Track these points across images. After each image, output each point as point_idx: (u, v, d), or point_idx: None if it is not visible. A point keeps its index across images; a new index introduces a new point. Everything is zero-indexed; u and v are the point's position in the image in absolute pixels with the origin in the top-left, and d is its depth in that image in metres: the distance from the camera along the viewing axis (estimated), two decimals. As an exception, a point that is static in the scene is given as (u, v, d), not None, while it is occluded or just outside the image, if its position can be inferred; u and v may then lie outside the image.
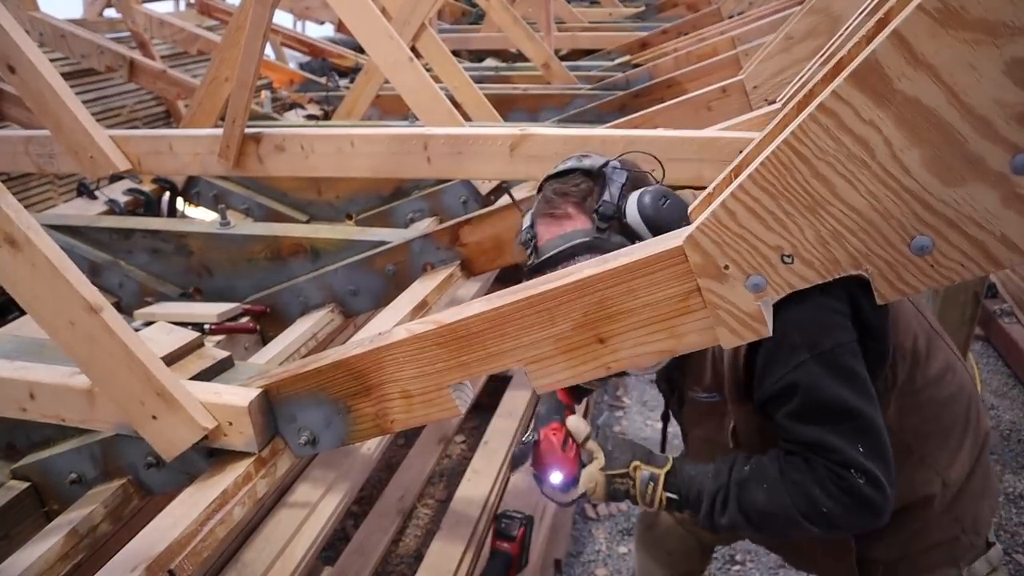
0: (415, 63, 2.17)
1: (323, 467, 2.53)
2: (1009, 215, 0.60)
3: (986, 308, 3.83)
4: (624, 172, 1.32)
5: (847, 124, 0.62)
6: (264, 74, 3.97)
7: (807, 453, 1.14)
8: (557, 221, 1.30)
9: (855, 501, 1.10)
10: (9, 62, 2.00)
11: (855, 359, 1.13)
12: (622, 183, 1.30)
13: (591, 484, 1.30)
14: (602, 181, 1.31)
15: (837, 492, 1.11)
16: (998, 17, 0.54)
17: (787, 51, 2.01)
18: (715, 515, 1.22)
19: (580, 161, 1.34)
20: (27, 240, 0.89)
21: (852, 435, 1.11)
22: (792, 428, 1.16)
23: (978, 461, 1.35)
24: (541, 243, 1.31)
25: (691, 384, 1.35)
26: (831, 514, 1.12)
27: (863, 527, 1.17)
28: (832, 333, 1.12)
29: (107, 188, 2.76)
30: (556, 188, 1.32)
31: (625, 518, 2.85)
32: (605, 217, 1.27)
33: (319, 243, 2.04)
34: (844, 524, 1.14)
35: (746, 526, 1.20)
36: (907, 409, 1.26)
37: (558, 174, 1.34)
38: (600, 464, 1.29)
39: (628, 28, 5.85)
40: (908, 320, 1.28)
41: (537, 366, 0.85)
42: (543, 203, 1.33)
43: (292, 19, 6.42)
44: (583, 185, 1.31)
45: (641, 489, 1.27)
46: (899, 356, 1.24)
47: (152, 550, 0.87)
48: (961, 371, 1.36)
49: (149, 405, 0.99)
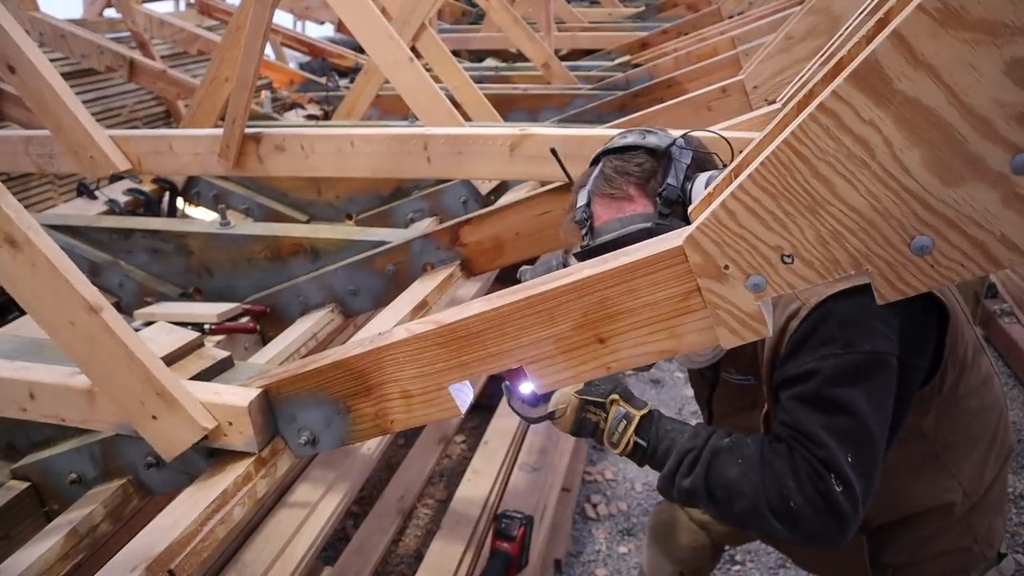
0: (415, 63, 2.17)
1: (323, 467, 2.53)
2: (1009, 215, 0.60)
3: (986, 308, 3.83)
4: (690, 152, 1.22)
5: (847, 124, 0.62)
6: (264, 74, 3.97)
7: (793, 442, 1.09)
8: (617, 202, 1.21)
9: (826, 506, 1.04)
10: (9, 62, 2.00)
11: (885, 370, 1.08)
12: (687, 164, 1.20)
13: (563, 405, 1.22)
14: (666, 162, 1.21)
15: (812, 492, 1.05)
16: (998, 17, 0.54)
17: (787, 51, 2.01)
18: (678, 476, 1.16)
19: (644, 137, 1.24)
20: (27, 240, 0.89)
21: (846, 441, 1.06)
22: (792, 410, 1.11)
23: (998, 475, 1.32)
24: (598, 223, 1.22)
25: (727, 365, 1.31)
26: (797, 512, 1.06)
27: (823, 539, 1.09)
28: (872, 338, 1.07)
29: (107, 188, 2.76)
30: (617, 166, 1.22)
31: (625, 518, 2.85)
32: (669, 202, 1.18)
33: (319, 243, 2.04)
34: (806, 529, 1.07)
35: (706, 498, 1.13)
36: (943, 417, 1.23)
37: (618, 149, 1.24)
38: (577, 387, 1.22)
39: (628, 28, 5.85)
40: (963, 330, 1.23)
41: (537, 366, 0.85)
42: (602, 181, 1.22)
43: (292, 19, 6.42)
44: (647, 165, 1.21)
45: (612, 425, 1.20)
46: (950, 364, 1.20)
47: (152, 550, 0.87)
48: (997, 385, 1.33)
49: (149, 405, 0.99)
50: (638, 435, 1.19)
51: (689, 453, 1.15)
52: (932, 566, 1.31)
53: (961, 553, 1.30)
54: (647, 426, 1.20)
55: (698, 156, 1.23)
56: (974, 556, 1.31)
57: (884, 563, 1.31)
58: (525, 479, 2.67)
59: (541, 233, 1.86)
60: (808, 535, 1.09)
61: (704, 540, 1.79)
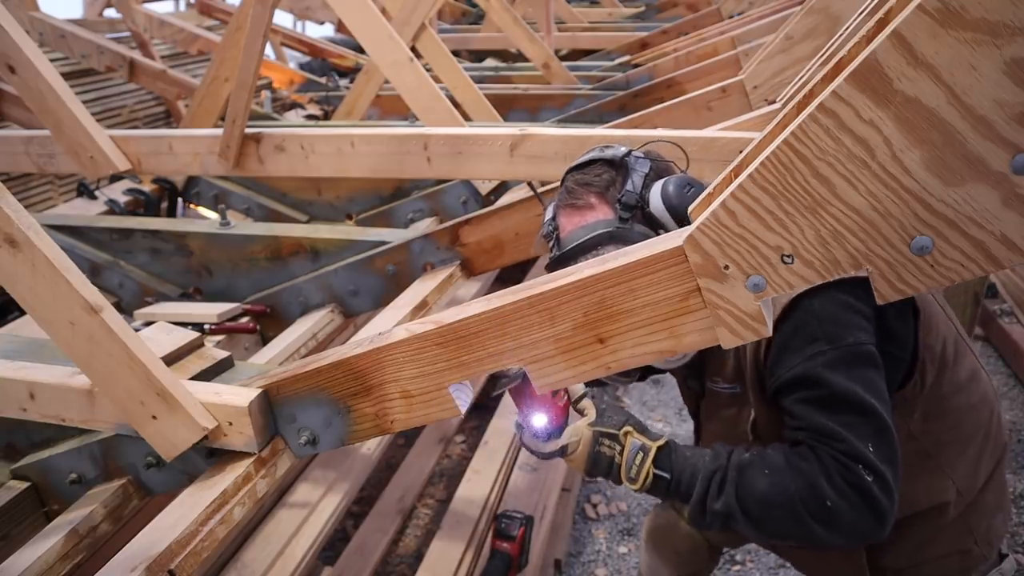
0: (415, 63, 2.18)
1: (323, 467, 2.53)
2: (1009, 215, 0.60)
3: (986, 308, 3.83)
4: (647, 161, 1.28)
5: (847, 124, 0.62)
6: (264, 74, 3.97)
7: (814, 441, 1.08)
8: (579, 212, 1.27)
9: (863, 499, 1.03)
10: (9, 62, 2.00)
11: (872, 361, 1.10)
12: (645, 172, 1.26)
13: (575, 438, 1.19)
14: (624, 171, 1.27)
15: (844, 486, 1.04)
16: (998, 17, 0.54)
17: (787, 51, 2.01)
18: (708, 499, 1.13)
19: (602, 151, 1.31)
20: (27, 240, 0.89)
21: (863, 432, 1.05)
22: (803, 414, 1.10)
23: (994, 473, 1.31)
24: (563, 235, 1.28)
25: (712, 375, 1.31)
26: (835, 510, 1.04)
27: (864, 534, 1.06)
28: (853, 331, 1.09)
29: (107, 188, 2.77)
30: (578, 179, 1.29)
31: (625, 518, 2.85)
32: (628, 207, 1.23)
33: (319, 243, 2.04)
34: (846, 526, 1.05)
35: (742, 517, 1.11)
36: (932, 415, 1.23)
37: (579, 165, 1.31)
38: (590, 420, 1.21)
39: (628, 28, 5.85)
40: (938, 324, 1.24)
41: (537, 366, 0.85)
42: (565, 194, 1.30)
43: (292, 19, 6.43)
44: (605, 175, 1.27)
45: (628, 459, 1.17)
46: (928, 360, 1.20)
47: (152, 550, 0.87)
48: (985, 381, 1.32)
49: (149, 405, 0.99)
50: (657, 467, 1.16)
51: (715, 475, 1.13)
52: (932, 568, 1.30)
53: (961, 555, 1.30)
54: (665, 457, 1.17)
55: (656, 164, 1.29)
56: (974, 557, 1.30)
57: (883, 566, 1.30)
58: (525, 479, 2.67)
59: (541, 233, 1.86)
60: (849, 533, 1.06)
61: (700, 542, 1.79)
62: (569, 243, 1.25)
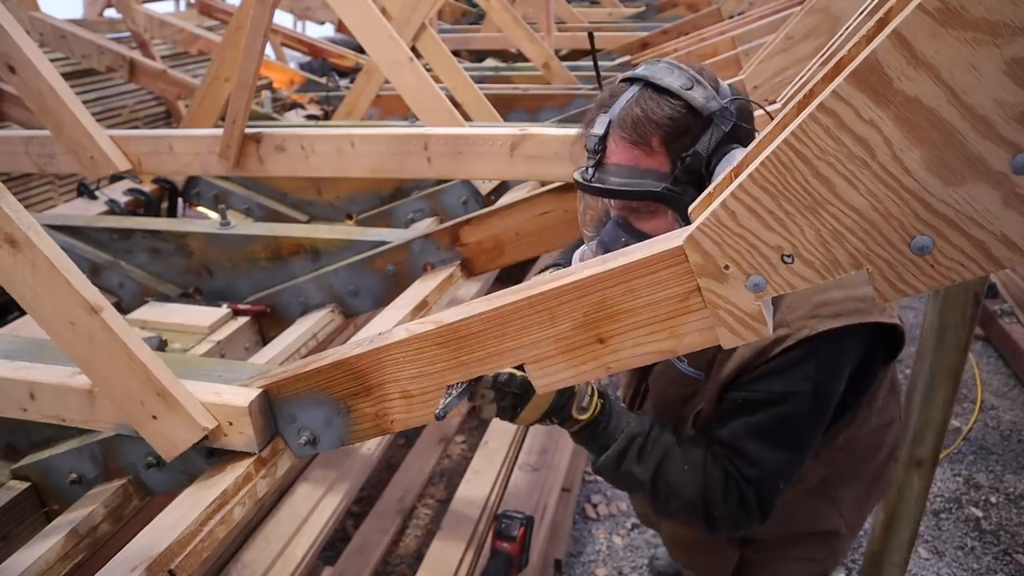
0: (415, 63, 2.17)
1: (323, 467, 2.53)
2: (1009, 215, 0.60)
3: (986, 308, 3.83)
4: (732, 120, 1.08)
5: (847, 124, 0.62)
6: (264, 74, 3.97)
7: (730, 458, 1.18)
8: (636, 149, 1.08)
9: (745, 518, 1.18)
10: (9, 62, 2.00)
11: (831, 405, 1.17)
12: (723, 133, 1.06)
13: None
14: (703, 125, 1.07)
15: (735, 506, 1.17)
16: (999, 17, 0.54)
17: (787, 51, 2.00)
18: (626, 459, 1.19)
19: (690, 87, 1.08)
20: (27, 240, 0.89)
21: (779, 470, 1.17)
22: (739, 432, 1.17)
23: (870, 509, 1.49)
24: (609, 161, 1.11)
25: None
26: (720, 519, 1.19)
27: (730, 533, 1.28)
28: (838, 381, 1.15)
29: (107, 188, 2.76)
30: (649, 108, 1.07)
31: (625, 518, 2.85)
32: (690, 170, 1.06)
33: (319, 243, 2.04)
34: (723, 529, 1.21)
35: (649, 491, 1.20)
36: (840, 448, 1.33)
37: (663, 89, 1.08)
38: None
39: (628, 28, 5.84)
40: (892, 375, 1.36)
41: (537, 366, 0.85)
42: (628, 119, 1.08)
43: (292, 19, 6.42)
44: (682, 121, 1.06)
45: (581, 391, 1.16)
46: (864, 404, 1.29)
47: (152, 550, 0.87)
48: (896, 428, 1.42)
49: (149, 405, 0.99)
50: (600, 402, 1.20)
51: (637, 439, 1.20)
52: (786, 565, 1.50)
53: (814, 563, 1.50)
54: (607, 399, 1.22)
55: (739, 128, 1.09)
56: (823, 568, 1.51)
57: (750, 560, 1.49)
58: (525, 479, 2.67)
59: (541, 233, 1.86)
60: (723, 532, 1.24)
61: None
62: (612, 176, 1.10)
